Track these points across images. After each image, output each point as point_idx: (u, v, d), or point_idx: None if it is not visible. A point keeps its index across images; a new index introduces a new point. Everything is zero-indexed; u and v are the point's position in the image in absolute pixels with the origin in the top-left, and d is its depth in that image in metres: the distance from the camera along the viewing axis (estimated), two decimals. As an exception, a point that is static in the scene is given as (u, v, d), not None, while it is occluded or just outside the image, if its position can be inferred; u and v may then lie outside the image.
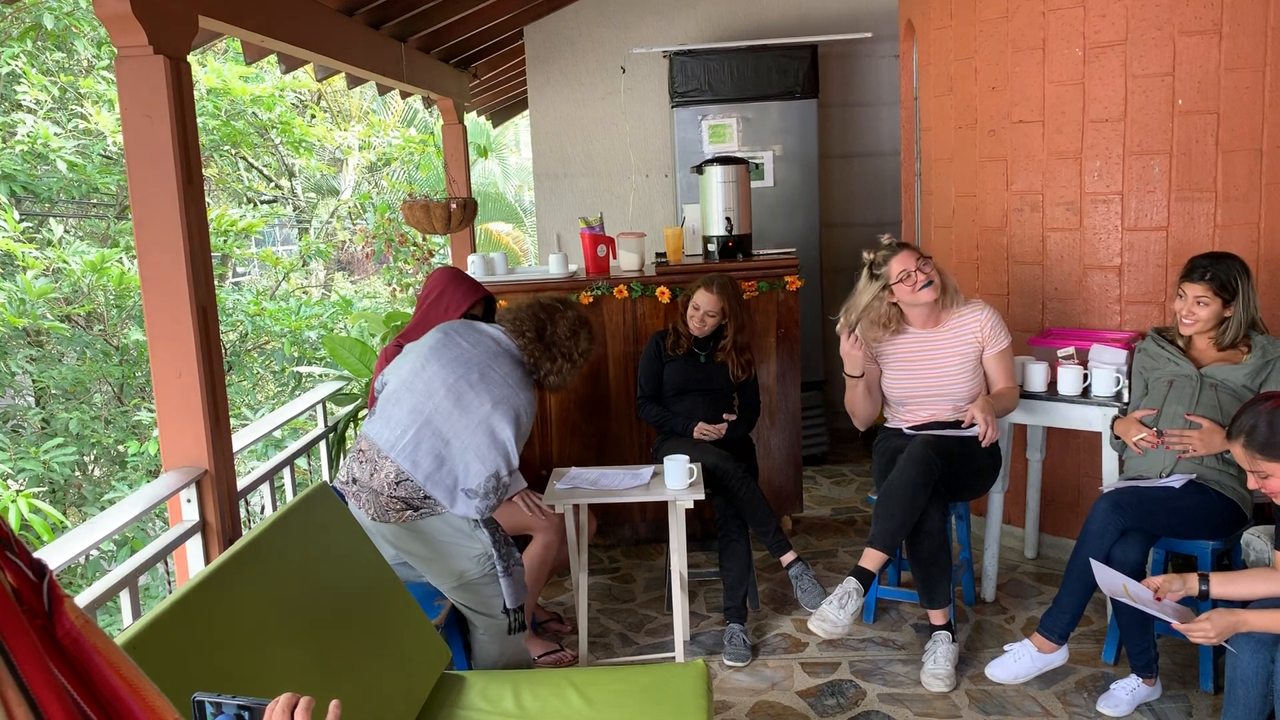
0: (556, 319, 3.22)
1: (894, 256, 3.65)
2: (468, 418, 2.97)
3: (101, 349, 8.62)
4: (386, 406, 3.05)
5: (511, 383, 3.05)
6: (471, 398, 2.98)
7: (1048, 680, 3.45)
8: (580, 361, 3.27)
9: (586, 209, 6.26)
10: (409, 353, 3.15)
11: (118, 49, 2.73)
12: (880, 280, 3.67)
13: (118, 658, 1.11)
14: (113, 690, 1.08)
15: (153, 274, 2.84)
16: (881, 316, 3.70)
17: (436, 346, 3.08)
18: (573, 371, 3.25)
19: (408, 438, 2.97)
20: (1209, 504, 3.29)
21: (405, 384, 3.05)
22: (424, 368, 3.04)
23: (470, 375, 3.01)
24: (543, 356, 3.18)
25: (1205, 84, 3.93)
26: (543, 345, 3.18)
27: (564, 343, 3.20)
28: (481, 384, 3.00)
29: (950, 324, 3.74)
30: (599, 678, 2.77)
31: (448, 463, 2.96)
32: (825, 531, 5.02)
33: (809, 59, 5.97)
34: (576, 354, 3.24)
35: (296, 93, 11.74)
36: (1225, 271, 3.34)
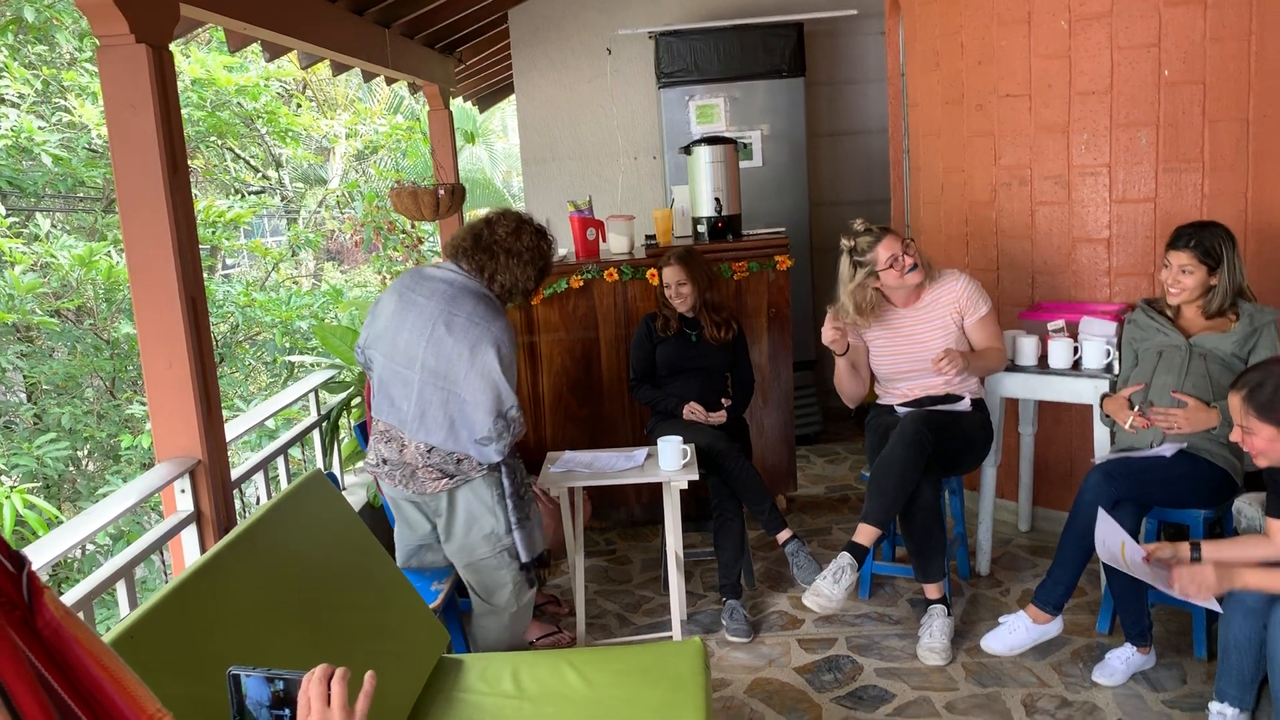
0: (494, 224, 3.15)
1: (879, 243, 3.64)
2: (453, 372, 2.99)
3: (92, 343, 8.59)
4: (384, 387, 3.12)
5: (478, 318, 3.01)
6: (449, 351, 2.99)
7: (1043, 651, 3.48)
8: (529, 257, 3.14)
9: (575, 193, 6.23)
10: (378, 319, 3.13)
11: (99, 38, 2.71)
12: (867, 267, 3.66)
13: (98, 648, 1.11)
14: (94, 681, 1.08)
15: (141, 265, 2.83)
16: (867, 302, 3.70)
17: (399, 312, 3.07)
18: (524, 269, 3.14)
19: (412, 413, 3.04)
20: (1200, 473, 3.31)
21: (389, 359, 3.09)
22: (397, 337, 3.06)
23: (438, 330, 3.00)
24: (486, 261, 3.09)
25: (1191, 54, 3.92)
26: (482, 249, 3.10)
27: (505, 239, 3.11)
28: (450, 335, 2.99)
29: (928, 299, 3.76)
30: (597, 658, 2.78)
31: (456, 421, 3.02)
32: (819, 509, 5.03)
33: (795, 37, 5.95)
34: (522, 248, 3.13)
35: (282, 82, 11.67)
36: (1209, 239, 3.35)
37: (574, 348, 4.68)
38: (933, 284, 3.77)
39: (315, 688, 1.35)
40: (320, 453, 4.39)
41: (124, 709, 1.12)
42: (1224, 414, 3.25)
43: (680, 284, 4.09)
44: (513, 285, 3.15)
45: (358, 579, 2.65)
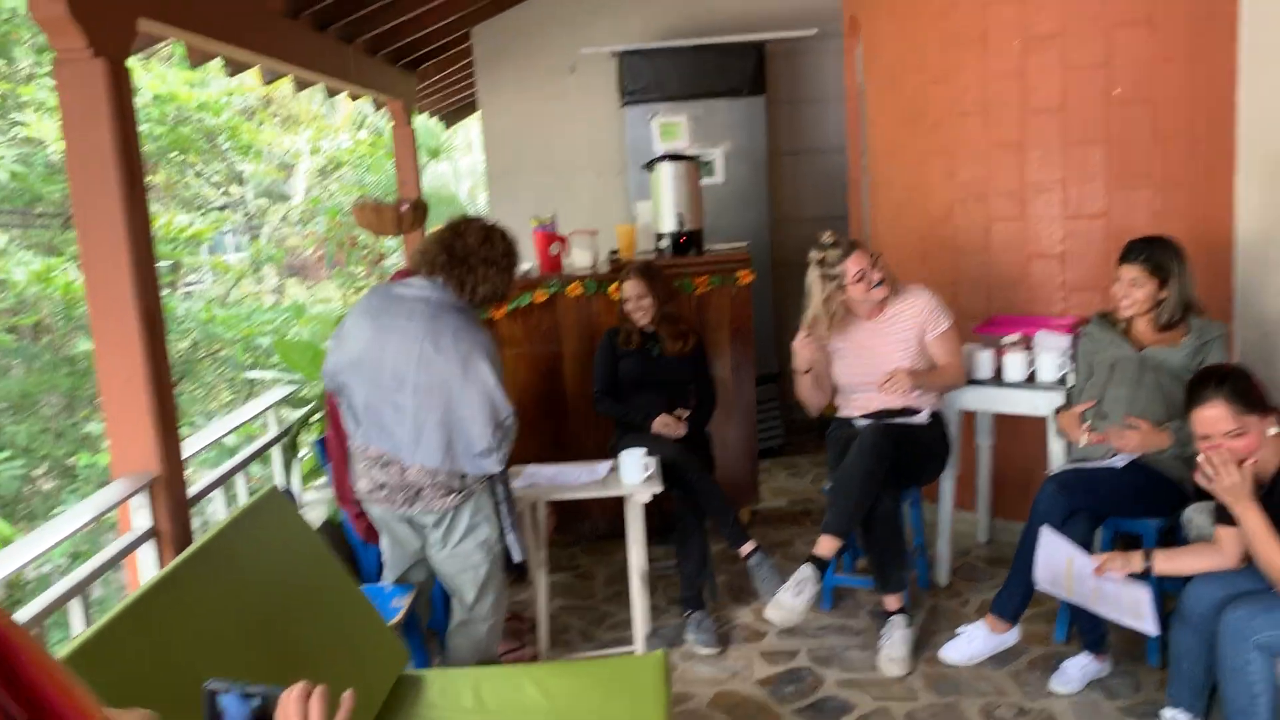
0: (463, 232, 3.13)
1: (848, 256, 3.69)
2: (449, 390, 2.98)
3: (49, 360, 8.49)
4: (372, 413, 3.05)
5: (464, 333, 3.01)
6: (441, 369, 2.97)
7: (1001, 660, 3.51)
8: (505, 264, 3.15)
9: (540, 208, 6.24)
10: (350, 343, 3.08)
11: (56, 52, 2.70)
12: (835, 281, 3.70)
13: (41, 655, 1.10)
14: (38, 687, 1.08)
15: (97, 280, 2.82)
16: (834, 314, 3.74)
17: (378, 336, 3.02)
18: (502, 276, 3.14)
19: (408, 436, 3.01)
20: (1152, 483, 3.37)
21: (375, 385, 3.03)
22: (382, 362, 3.01)
23: (425, 350, 2.98)
24: (465, 273, 3.08)
25: (1140, 74, 4.02)
26: (458, 262, 3.09)
27: (479, 250, 3.10)
28: (439, 354, 2.97)
29: (891, 312, 3.81)
30: (558, 672, 2.78)
31: (454, 440, 3.01)
32: (782, 522, 5.06)
33: (756, 56, 6.01)
34: (497, 255, 3.13)
35: (244, 98, 11.62)
36: (1159, 253, 3.42)
37: (538, 362, 4.69)
38: (896, 298, 3.82)
39: (294, 705, 1.34)
40: (280, 470, 4.36)
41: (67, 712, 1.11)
42: (1176, 435, 3.31)
43: (640, 296, 4.12)
44: (491, 294, 3.15)
45: (316, 596, 2.63)
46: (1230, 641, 2.62)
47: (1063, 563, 3.06)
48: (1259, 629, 2.58)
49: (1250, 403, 2.66)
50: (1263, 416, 2.66)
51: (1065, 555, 3.08)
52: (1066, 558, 3.08)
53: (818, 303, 3.75)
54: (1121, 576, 3.02)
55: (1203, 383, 2.76)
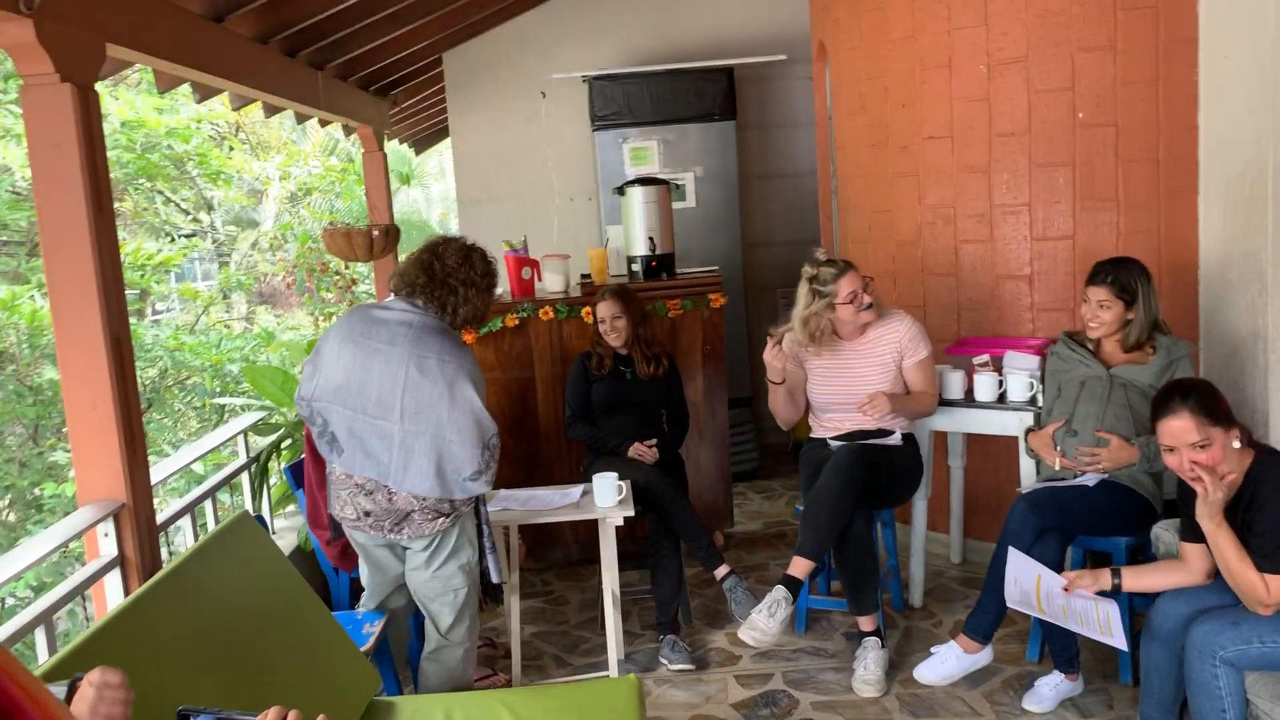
0: (441, 253, 3.12)
1: (842, 276, 3.71)
2: (437, 415, 2.95)
3: (14, 389, 8.37)
4: (356, 440, 3.00)
5: (448, 356, 2.99)
6: (428, 394, 2.94)
7: (974, 680, 3.52)
8: (484, 284, 3.14)
9: (511, 233, 6.24)
10: (328, 369, 3.03)
11: (23, 77, 2.68)
12: (826, 298, 3.72)
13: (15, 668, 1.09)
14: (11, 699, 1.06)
15: (64, 305, 2.79)
16: (819, 330, 3.76)
17: (362, 361, 2.98)
18: (482, 297, 3.13)
19: (395, 463, 2.97)
20: (1122, 501, 3.40)
21: (359, 411, 2.98)
22: (365, 388, 2.97)
23: (411, 375, 2.95)
24: (446, 294, 3.07)
25: (1103, 98, 4.08)
26: (438, 284, 3.07)
27: (458, 271, 3.09)
28: (425, 378, 2.95)
29: (872, 335, 3.83)
30: (531, 697, 2.77)
31: (442, 465, 2.98)
32: (756, 546, 5.06)
33: (726, 82, 6.07)
34: (477, 276, 3.11)
35: (214, 124, 11.57)
36: (1126, 275, 3.47)
37: (510, 386, 4.68)
38: (879, 322, 3.84)
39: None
40: (249, 497, 4.32)
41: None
42: (1144, 450, 3.35)
43: (615, 317, 4.13)
44: (472, 315, 3.13)
45: (287, 622, 2.61)
46: (1198, 656, 2.64)
47: (1032, 580, 3.08)
48: (1226, 644, 2.61)
49: (1215, 415, 2.69)
50: (1227, 430, 2.69)
51: (1034, 573, 3.10)
52: (1036, 575, 3.10)
53: (799, 312, 3.77)
54: (1090, 594, 3.04)
55: (1169, 395, 2.79)
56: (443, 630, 3.14)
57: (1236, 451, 2.70)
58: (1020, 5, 4.12)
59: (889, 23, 4.54)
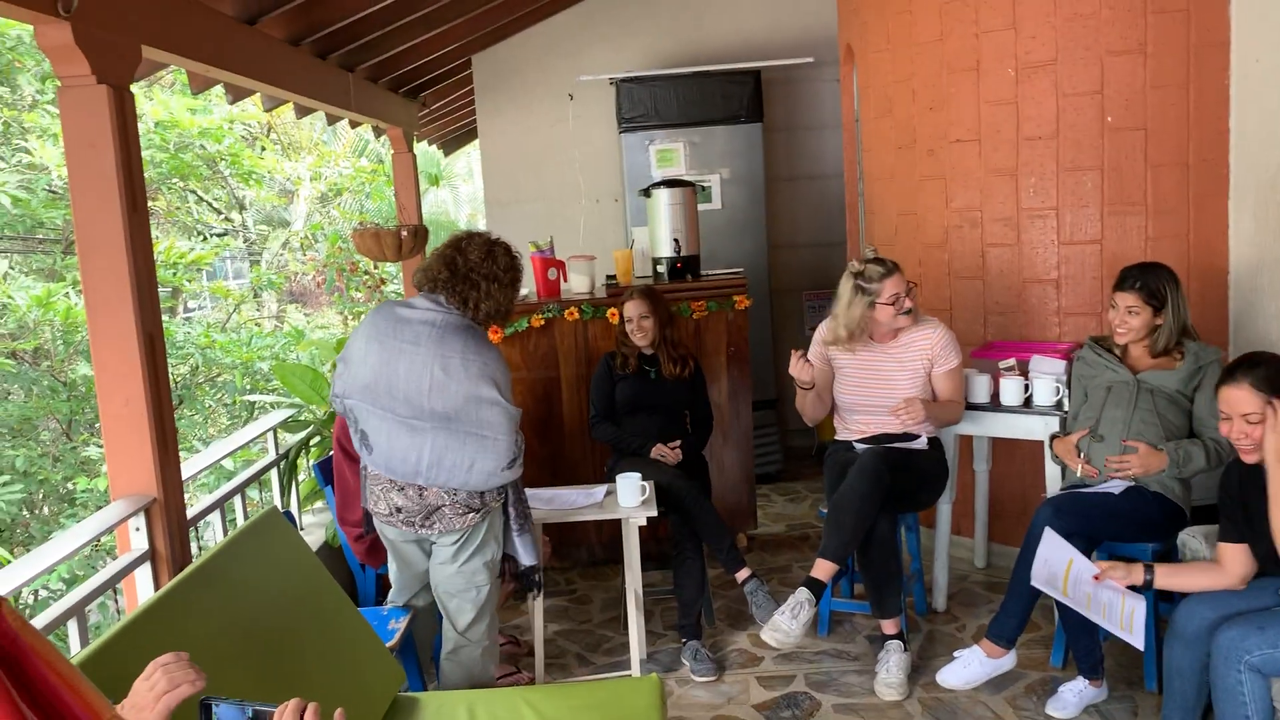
0: (464, 248, 3.12)
1: (889, 277, 3.69)
2: (466, 413, 2.98)
3: (49, 385, 8.49)
4: (387, 439, 3.03)
5: (471, 353, 3.00)
6: (455, 393, 2.96)
7: (997, 685, 3.51)
8: (508, 279, 3.14)
9: (538, 234, 6.28)
10: (356, 367, 3.06)
11: (60, 79, 2.74)
12: (869, 296, 3.71)
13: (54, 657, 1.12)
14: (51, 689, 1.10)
15: (98, 303, 2.84)
16: (856, 326, 3.75)
17: (387, 360, 3.00)
18: (504, 292, 3.13)
19: (427, 461, 3.00)
20: (1148, 507, 3.38)
21: (389, 410, 3.01)
22: (393, 389, 2.99)
23: (436, 375, 2.97)
24: (468, 289, 3.07)
25: (1133, 101, 4.06)
26: (460, 279, 3.08)
27: (481, 266, 3.09)
28: (451, 378, 2.97)
29: (904, 340, 3.81)
30: (553, 695, 2.78)
31: (478, 460, 3.00)
32: (780, 548, 5.06)
33: (753, 84, 6.07)
34: (499, 271, 3.12)
35: (246, 125, 11.69)
36: (1154, 281, 3.45)
37: (535, 386, 4.71)
38: (912, 328, 3.81)
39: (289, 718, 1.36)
40: (278, 492, 4.37)
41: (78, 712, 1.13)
42: (1172, 455, 3.32)
43: (643, 317, 4.14)
44: (495, 310, 3.14)
45: (313, 617, 2.64)
46: (1223, 661, 2.63)
47: (1062, 563, 3.07)
48: (1252, 649, 2.59)
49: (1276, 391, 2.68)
50: None
51: (1066, 556, 3.09)
52: (1068, 559, 3.08)
53: (842, 309, 3.76)
54: (1121, 586, 3.02)
55: (1238, 364, 2.81)
56: (461, 628, 3.16)
57: None
58: (1049, 8, 4.10)
59: (917, 25, 4.53)
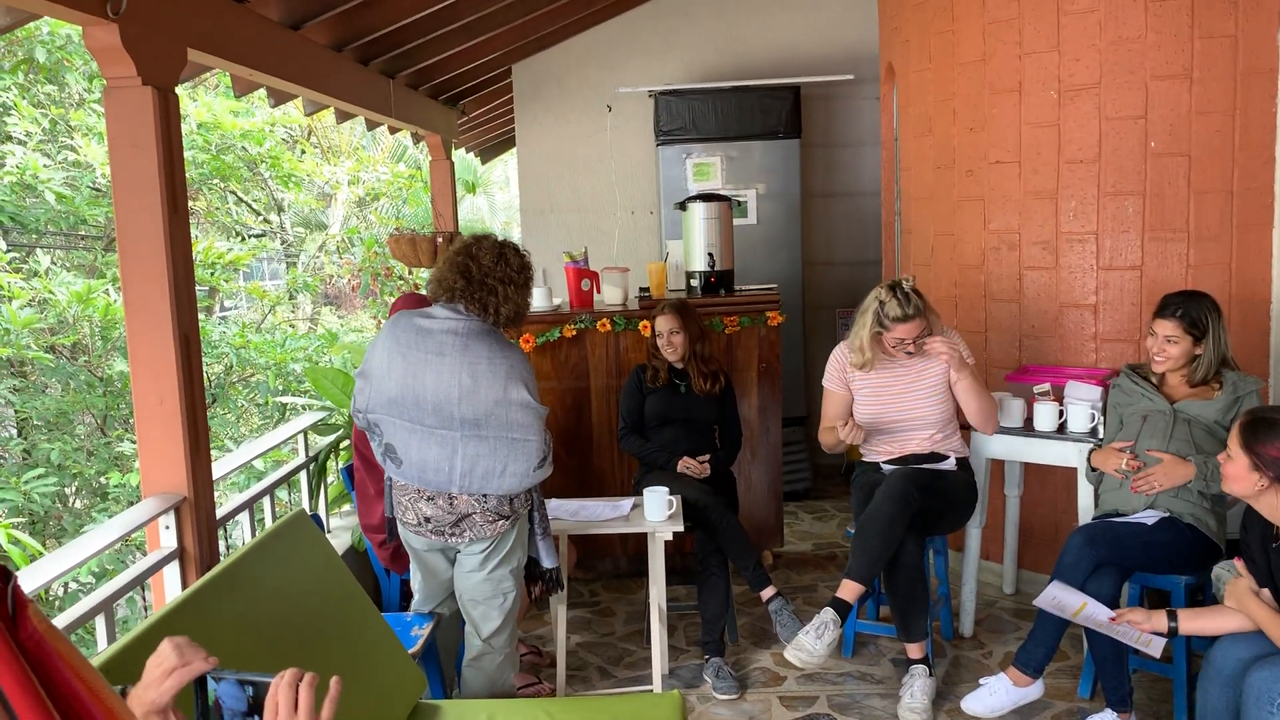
0: (476, 254, 3.09)
1: (904, 324, 3.62)
2: (496, 418, 2.99)
3: (86, 380, 8.60)
4: (416, 451, 3.04)
5: (497, 358, 3.00)
6: (484, 399, 2.97)
7: (1023, 714, 3.46)
8: (521, 280, 3.12)
9: (572, 244, 6.31)
10: (379, 380, 3.06)
11: (106, 80, 2.77)
12: (880, 328, 3.67)
13: (78, 661, 1.12)
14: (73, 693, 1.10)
15: (136, 301, 2.87)
16: (871, 350, 3.73)
17: (413, 373, 3.00)
18: (520, 293, 3.11)
19: (459, 471, 3.01)
20: (1182, 539, 3.32)
21: (416, 422, 3.02)
22: (421, 400, 2.99)
23: (464, 383, 2.97)
24: (486, 295, 3.06)
25: (1177, 127, 4.01)
26: (476, 285, 3.05)
27: (495, 270, 3.07)
28: (478, 385, 2.97)
29: (916, 353, 3.77)
30: (573, 707, 2.77)
31: (509, 464, 3.02)
32: (806, 566, 5.03)
33: (792, 100, 6.06)
34: (513, 273, 3.09)
35: (287, 128, 11.82)
36: (1196, 310, 3.40)
37: (565, 396, 4.71)
38: None
39: (284, 691, 1.36)
40: (307, 495, 4.40)
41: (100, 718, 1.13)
42: (1201, 469, 3.28)
43: (673, 332, 4.13)
44: (514, 313, 3.12)
45: (337, 621, 2.65)
46: (1255, 702, 2.57)
47: (1074, 604, 3.06)
48: (1287, 691, 2.54)
49: (1253, 446, 2.67)
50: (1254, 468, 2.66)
51: (1078, 601, 3.08)
52: (1080, 602, 3.08)
53: (858, 333, 3.75)
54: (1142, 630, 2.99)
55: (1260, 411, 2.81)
56: (486, 635, 3.16)
57: (1261, 494, 2.68)
58: (1094, 31, 4.07)
59: (959, 45, 4.50)
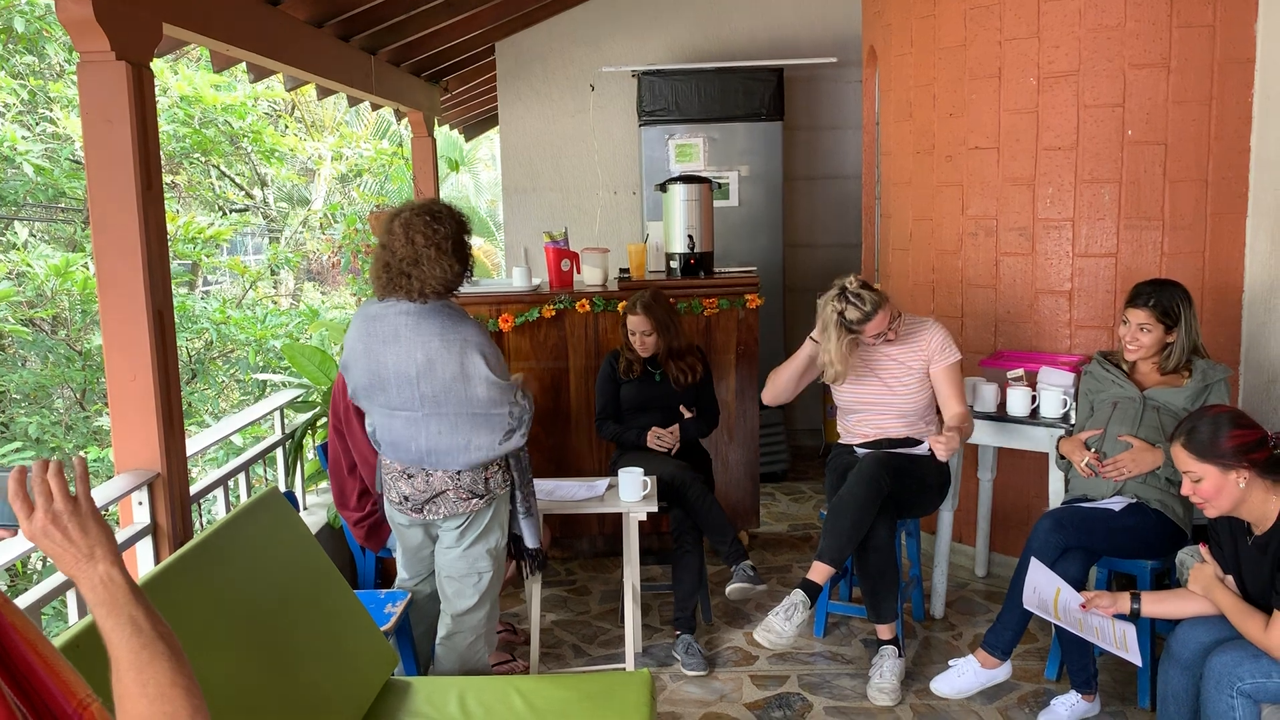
0: (388, 243, 2.99)
1: (870, 320, 3.60)
2: (454, 393, 3.00)
3: (64, 354, 8.56)
4: (389, 433, 3.10)
5: (448, 331, 2.97)
6: (440, 374, 2.98)
7: (991, 695, 3.51)
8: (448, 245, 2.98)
9: (555, 224, 6.30)
10: (355, 370, 3.11)
11: (80, 53, 2.76)
12: (852, 335, 3.65)
13: (33, 634, 1.13)
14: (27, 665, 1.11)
15: (110, 277, 2.86)
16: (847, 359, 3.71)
17: (375, 359, 3.03)
18: (444, 259, 2.97)
19: (425, 449, 3.05)
20: (1149, 524, 3.37)
21: (389, 407, 3.08)
22: (387, 387, 3.04)
23: (419, 362, 2.98)
24: (409, 281, 2.96)
25: (1154, 115, 4.03)
26: (397, 275, 2.97)
27: (409, 253, 2.95)
28: (433, 362, 2.97)
29: (899, 340, 3.79)
30: (544, 685, 2.80)
31: (471, 438, 3.04)
32: (781, 547, 5.07)
33: (775, 82, 6.06)
34: (423, 246, 2.95)
35: (270, 102, 11.74)
36: (1168, 299, 3.43)
37: (543, 376, 4.72)
38: (906, 331, 3.79)
39: (37, 484, 1.25)
40: (283, 472, 4.40)
41: (55, 693, 1.14)
42: (1169, 454, 3.31)
43: (645, 334, 4.10)
44: (445, 278, 2.99)
45: (309, 597, 2.66)
46: (1215, 687, 2.62)
47: (1050, 592, 3.09)
48: (1244, 675, 2.58)
49: (1207, 453, 2.66)
50: (1226, 469, 2.65)
51: (1053, 586, 3.10)
52: (1055, 588, 3.10)
53: (832, 351, 3.66)
54: (1108, 615, 3.02)
55: (1182, 421, 2.82)
56: (458, 612, 3.18)
57: (1247, 491, 2.66)
58: (1073, 19, 4.08)
59: (940, 30, 4.51)
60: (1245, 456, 2.63)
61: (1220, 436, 2.66)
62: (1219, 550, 2.84)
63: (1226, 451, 2.64)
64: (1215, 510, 2.74)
